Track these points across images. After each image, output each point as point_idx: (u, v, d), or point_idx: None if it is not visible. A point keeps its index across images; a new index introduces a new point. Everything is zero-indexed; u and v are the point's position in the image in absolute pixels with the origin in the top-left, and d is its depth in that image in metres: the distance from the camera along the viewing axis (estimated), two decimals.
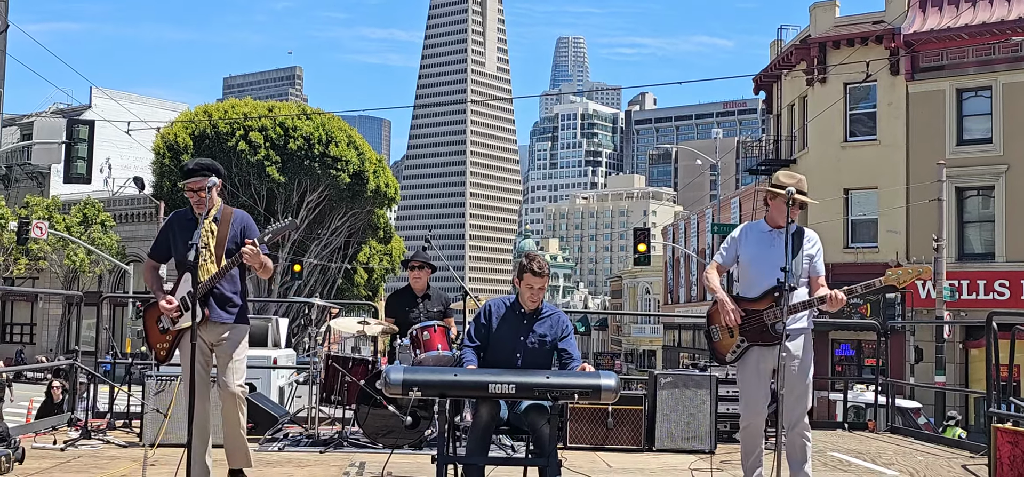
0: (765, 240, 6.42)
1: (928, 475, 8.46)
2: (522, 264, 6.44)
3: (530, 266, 6.39)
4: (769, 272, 6.25)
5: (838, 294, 6.14)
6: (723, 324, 6.41)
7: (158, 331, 6.42)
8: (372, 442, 8.89)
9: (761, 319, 6.31)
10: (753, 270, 6.43)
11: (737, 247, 6.57)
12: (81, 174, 26.02)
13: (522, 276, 6.39)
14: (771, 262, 6.26)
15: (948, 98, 31.11)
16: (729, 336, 6.43)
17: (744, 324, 6.34)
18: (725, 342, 6.46)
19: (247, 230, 6.41)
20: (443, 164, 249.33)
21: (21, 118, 58.13)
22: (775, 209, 6.44)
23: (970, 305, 29.43)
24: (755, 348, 6.34)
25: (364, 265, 48.37)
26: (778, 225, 6.41)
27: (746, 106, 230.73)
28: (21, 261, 49.27)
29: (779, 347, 6.09)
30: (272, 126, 42.42)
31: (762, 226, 6.51)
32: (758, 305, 6.33)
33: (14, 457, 7.47)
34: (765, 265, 6.31)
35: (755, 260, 6.42)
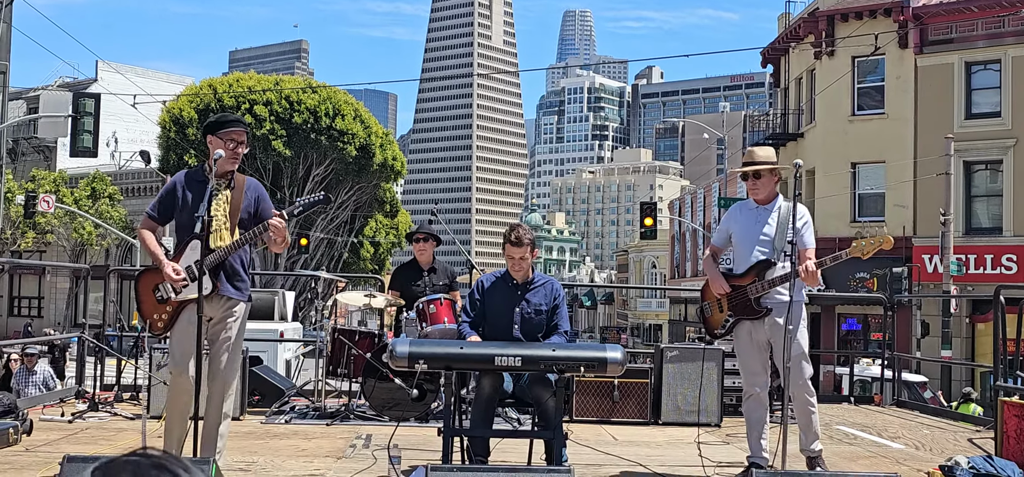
0: (751, 217, 6.56)
1: (934, 448, 8.47)
2: (504, 236, 6.49)
3: (509, 237, 6.45)
4: (752, 247, 6.42)
5: (809, 266, 6.21)
6: (713, 300, 6.60)
7: (155, 301, 5.82)
8: (378, 415, 8.92)
9: (746, 293, 6.45)
10: (739, 246, 6.60)
11: (728, 227, 6.74)
12: (87, 148, 26.02)
13: (505, 247, 6.44)
14: (755, 238, 6.42)
15: (957, 71, 30.93)
16: (719, 311, 6.61)
17: (731, 299, 6.50)
18: (715, 317, 6.65)
19: (261, 200, 5.95)
20: (449, 138, 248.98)
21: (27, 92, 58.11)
22: (750, 187, 6.59)
23: (977, 279, 29.36)
24: (745, 321, 6.49)
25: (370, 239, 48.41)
26: (761, 201, 6.55)
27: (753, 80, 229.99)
28: (29, 235, 49.38)
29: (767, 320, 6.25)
30: (278, 100, 42.38)
31: (750, 204, 6.65)
32: (744, 280, 6.48)
33: (22, 429, 7.50)
34: (749, 241, 6.44)
35: (741, 237, 6.58)
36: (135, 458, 1.10)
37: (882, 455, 8.07)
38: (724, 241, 6.77)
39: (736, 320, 6.50)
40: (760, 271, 6.35)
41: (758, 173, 6.49)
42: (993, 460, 6.49)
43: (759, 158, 6.59)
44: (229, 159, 5.78)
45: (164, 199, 5.94)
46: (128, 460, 1.10)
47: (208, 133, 5.92)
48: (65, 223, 49.27)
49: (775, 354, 6.46)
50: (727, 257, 6.89)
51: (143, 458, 1.10)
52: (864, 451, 8.25)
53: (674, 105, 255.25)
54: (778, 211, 6.46)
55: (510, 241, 6.42)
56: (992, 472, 6.25)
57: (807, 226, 6.46)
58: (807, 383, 6.47)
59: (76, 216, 47.31)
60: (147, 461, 1.10)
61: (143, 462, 1.09)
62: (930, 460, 7.60)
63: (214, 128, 5.89)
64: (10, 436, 7.21)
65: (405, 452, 7.13)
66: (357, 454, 7.33)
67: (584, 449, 7.72)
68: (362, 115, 44.83)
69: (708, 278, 6.64)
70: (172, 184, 5.95)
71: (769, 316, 6.33)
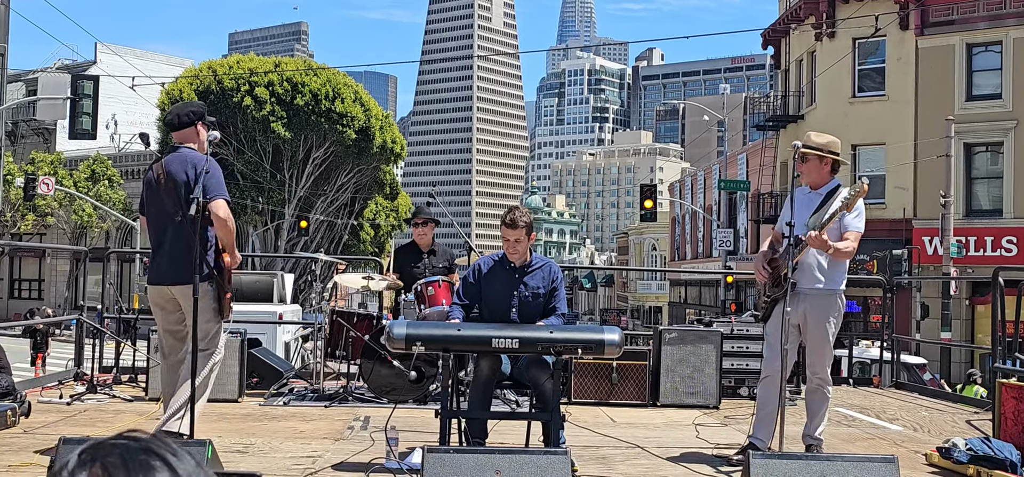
0: (804, 201, 6.57)
1: (932, 430, 8.47)
2: (501, 218, 6.47)
3: (505, 219, 6.43)
4: (798, 229, 6.40)
5: (812, 233, 6.23)
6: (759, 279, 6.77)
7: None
8: (377, 397, 8.92)
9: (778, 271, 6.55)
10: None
11: (785, 211, 6.75)
12: (86, 130, 25.98)
13: (501, 229, 6.43)
14: (801, 220, 6.41)
15: (958, 53, 30.87)
16: (764, 294, 6.75)
17: (771, 279, 6.63)
18: (761, 299, 6.83)
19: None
20: (449, 120, 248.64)
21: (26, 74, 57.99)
22: (802, 170, 6.60)
23: (977, 261, 29.36)
24: (780, 301, 6.53)
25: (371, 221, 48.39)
26: (814, 184, 6.58)
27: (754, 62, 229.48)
28: (28, 217, 49.36)
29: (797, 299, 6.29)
30: (278, 82, 42.28)
31: (805, 189, 6.68)
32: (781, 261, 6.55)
33: (20, 411, 7.50)
34: (797, 223, 6.42)
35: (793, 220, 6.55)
36: (123, 441, 1.09)
37: (880, 437, 8.07)
38: (781, 225, 6.78)
39: (773, 299, 6.61)
40: (785, 252, 6.38)
41: (804, 156, 6.47)
42: (990, 441, 6.49)
43: (809, 142, 6.59)
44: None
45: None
46: (116, 443, 1.08)
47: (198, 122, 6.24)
48: (65, 205, 49.24)
49: (804, 341, 6.56)
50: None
51: (132, 441, 1.09)
52: (862, 433, 8.25)
53: (675, 87, 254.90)
54: (826, 196, 6.50)
55: (505, 223, 6.40)
56: (989, 454, 6.25)
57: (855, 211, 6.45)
58: (826, 372, 6.55)
59: (75, 198, 47.28)
60: (136, 444, 1.09)
61: (132, 445, 1.08)
62: (928, 442, 7.60)
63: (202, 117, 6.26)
64: (8, 418, 7.21)
65: (403, 434, 7.13)
66: (355, 436, 7.33)
67: (582, 431, 7.72)
68: (362, 97, 44.73)
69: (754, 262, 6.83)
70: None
71: (800, 301, 6.35)
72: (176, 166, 6.04)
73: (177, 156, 6.10)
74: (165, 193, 6.06)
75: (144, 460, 1.06)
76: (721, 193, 47.70)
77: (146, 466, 1.05)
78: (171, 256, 6.06)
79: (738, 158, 49.14)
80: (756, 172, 41.41)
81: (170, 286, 6.14)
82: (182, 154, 6.11)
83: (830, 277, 6.43)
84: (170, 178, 6.03)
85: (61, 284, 56.00)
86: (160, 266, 6.15)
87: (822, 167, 6.56)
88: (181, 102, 6.51)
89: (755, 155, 43.69)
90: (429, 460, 4.68)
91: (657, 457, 6.80)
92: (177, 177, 6.00)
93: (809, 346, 6.60)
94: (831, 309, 6.50)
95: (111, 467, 1.04)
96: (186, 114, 6.21)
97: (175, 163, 6.06)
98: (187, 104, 6.40)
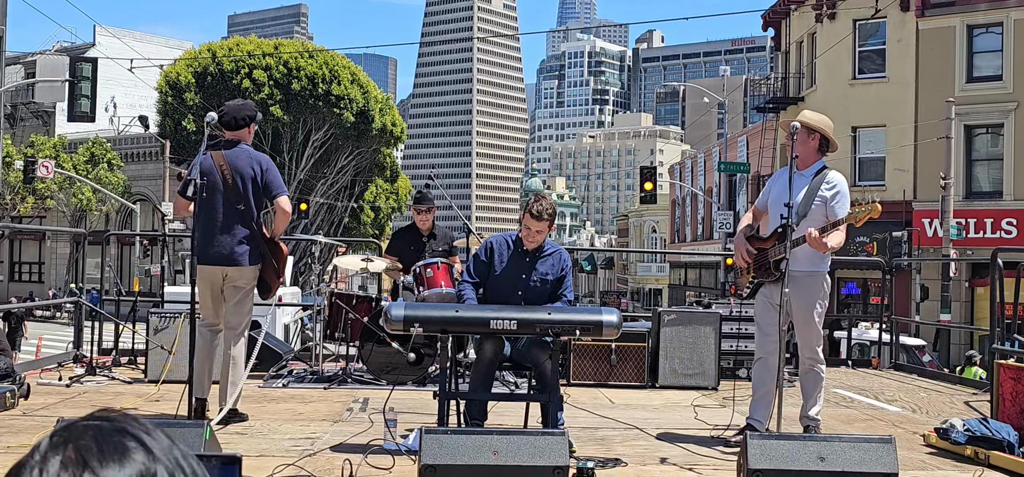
0: (786, 182, 6.48)
1: (931, 411, 8.49)
2: (527, 203, 6.42)
3: (531, 208, 6.35)
4: (779, 211, 6.39)
5: (812, 232, 6.22)
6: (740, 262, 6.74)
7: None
8: (376, 379, 8.94)
9: (767, 256, 6.54)
10: (771, 209, 6.67)
11: (768, 189, 6.81)
12: (85, 112, 25.94)
13: (524, 216, 6.39)
14: (783, 201, 6.32)
15: (958, 35, 30.79)
16: (746, 273, 6.75)
17: (756, 261, 6.62)
18: (743, 279, 6.83)
19: None
20: (449, 102, 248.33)
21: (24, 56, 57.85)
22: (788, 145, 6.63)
23: (977, 243, 29.34)
24: (766, 284, 6.58)
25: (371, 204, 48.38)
26: (801, 162, 6.55)
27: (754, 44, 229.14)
28: (28, 200, 49.33)
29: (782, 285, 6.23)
30: (276, 65, 42.20)
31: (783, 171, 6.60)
32: (767, 243, 6.57)
33: (19, 393, 7.51)
34: (778, 205, 6.44)
35: (774, 200, 6.62)
36: (96, 421, 1.08)
37: (878, 418, 8.09)
38: (764, 203, 6.82)
39: (758, 282, 6.63)
40: (781, 236, 6.34)
41: (792, 133, 6.44)
42: (988, 422, 6.50)
43: (801, 119, 6.57)
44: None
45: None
46: (89, 424, 1.07)
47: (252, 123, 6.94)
48: (65, 188, 49.20)
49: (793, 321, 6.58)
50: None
51: (104, 421, 1.07)
52: (860, 414, 8.27)
53: (675, 69, 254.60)
54: (813, 178, 6.48)
55: (531, 214, 6.29)
56: (987, 434, 6.26)
57: (838, 196, 6.44)
58: (816, 352, 6.55)
59: (75, 182, 47.26)
60: (108, 424, 1.07)
61: (105, 425, 1.07)
62: (926, 423, 7.61)
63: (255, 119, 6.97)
64: (7, 400, 7.22)
65: (402, 415, 7.15)
66: (354, 417, 7.34)
67: (581, 412, 7.73)
68: (360, 80, 44.67)
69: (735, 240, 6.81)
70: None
71: (785, 283, 6.33)
72: (243, 161, 6.69)
73: (241, 152, 6.74)
74: (227, 183, 6.62)
75: (118, 441, 1.05)
76: (721, 175, 47.68)
77: (121, 447, 1.04)
78: (229, 239, 6.62)
79: (738, 140, 49.08)
80: (756, 154, 41.37)
81: (226, 267, 6.68)
82: (246, 151, 6.78)
83: (814, 259, 6.43)
84: (236, 171, 6.63)
85: (61, 267, 56.01)
86: (216, 248, 6.63)
87: (809, 142, 6.53)
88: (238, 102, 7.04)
89: (755, 137, 43.64)
90: (427, 441, 4.69)
91: (655, 438, 6.81)
92: (244, 171, 6.65)
93: (797, 328, 6.62)
94: (817, 291, 6.50)
95: (84, 449, 1.03)
96: (243, 116, 6.85)
97: (241, 158, 6.71)
98: (243, 106, 7.00)
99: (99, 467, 1.02)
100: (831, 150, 6.66)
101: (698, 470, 5.84)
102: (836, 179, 6.51)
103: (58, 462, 1.02)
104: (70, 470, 1.01)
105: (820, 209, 6.41)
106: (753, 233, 6.77)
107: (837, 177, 6.53)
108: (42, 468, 1.02)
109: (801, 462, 4.80)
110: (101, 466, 1.02)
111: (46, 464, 1.02)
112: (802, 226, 6.34)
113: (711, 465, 5.97)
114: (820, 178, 6.48)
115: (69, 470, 1.01)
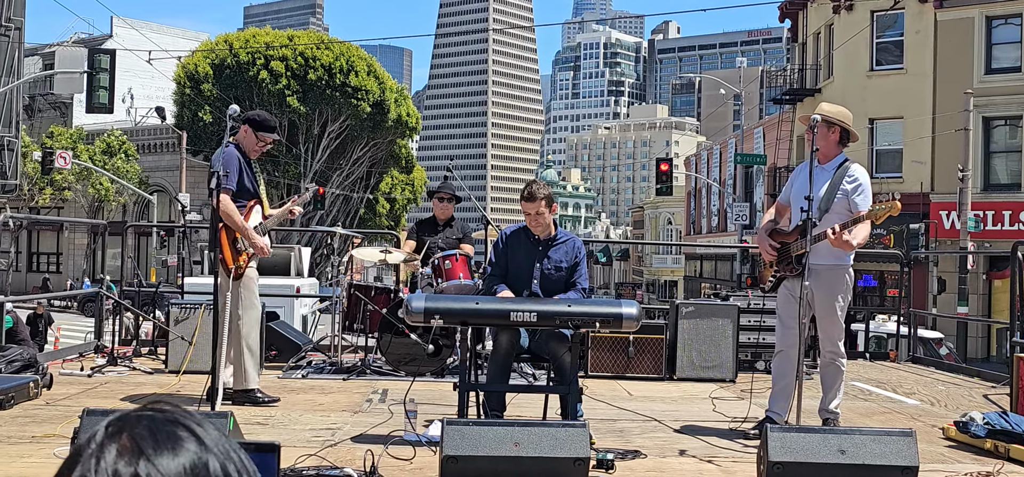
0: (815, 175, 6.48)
1: (949, 404, 8.47)
2: (520, 193, 6.51)
3: (522, 193, 6.50)
4: (801, 205, 6.39)
5: (835, 227, 6.23)
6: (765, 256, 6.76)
7: (236, 251, 7.05)
8: (394, 370, 8.97)
9: (789, 251, 6.53)
10: (792, 204, 6.66)
11: (790, 183, 6.79)
12: (103, 104, 26.05)
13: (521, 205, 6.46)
14: (804, 195, 6.32)
15: (977, 26, 30.60)
16: (768, 267, 6.78)
17: (779, 255, 6.61)
18: (765, 272, 6.86)
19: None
20: (465, 94, 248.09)
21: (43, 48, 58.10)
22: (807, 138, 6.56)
23: (995, 236, 29.20)
24: (789, 278, 6.56)
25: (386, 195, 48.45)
26: (822, 156, 6.53)
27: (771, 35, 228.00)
28: (46, 191, 49.59)
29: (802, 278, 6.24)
30: (294, 56, 42.29)
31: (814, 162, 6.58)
32: (790, 237, 6.55)
33: (42, 383, 7.58)
34: (800, 199, 6.42)
35: (796, 194, 6.60)
36: (149, 412, 1.11)
37: (897, 411, 8.08)
38: (786, 198, 6.81)
39: (781, 276, 6.62)
40: (803, 230, 6.31)
41: (812, 126, 6.42)
42: (1008, 416, 6.49)
43: (820, 111, 6.53)
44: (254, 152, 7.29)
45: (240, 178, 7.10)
46: (143, 414, 1.10)
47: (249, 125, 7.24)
48: (82, 179, 49.44)
49: (815, 315, 6.57)
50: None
51: (157, 412, 1.11)
52: (879, 407, 8.26)
53: (691, 61, 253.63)
54: (835, 172, 6.46)
55: (524, 197, 6.45)
56: (1007, 428, 6.25)
57: (859, 189, 6.42)
58: (837, 346, 6.54)
59: (93, 172, 47.49)
60: (162, 415, 1.10)
61: (157, 416, 1.10)
62: (945, 416, 7.60)
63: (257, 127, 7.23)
64: (31, 390, 7.29)
65: (421, 407, 7.17)
66: (373, 408, 7.38)
67: (599, 404, 7.75)
68: (376, 71, 44.72)
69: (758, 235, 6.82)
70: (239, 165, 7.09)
71: (808, 276, 6.33)
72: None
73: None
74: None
75: (172, 431, 1.08)
76: (737, 167, 47.53)
77: (174, 437, 1.07)
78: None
79: (754, 132, 48.93)
80: (772, 146, 41.25)
81: None
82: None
83: (837, 252, 6.41)
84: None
85: (79, 257, 56.30)
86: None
87: (830, 135, 6.51)
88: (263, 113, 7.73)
89: (771, 129, 43.51)
90: (449, 432, 4.72)
91: (674, 430, 6.82)
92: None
93: (819, 321, 6.61)
94: (839, 284, 6.49)
95: (139, 438, 1.06)
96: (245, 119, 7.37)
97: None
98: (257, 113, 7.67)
99: (153, 456, 1.05)
100: (851, 141, 6.65)
101: (717, 462, 5.85)
102: (857, 172, 6.50)
103: (114, 450, 1.05)
104: (125, 458, 1.04)
105: (842, 202, 6.40)
106: (776, 227, 6.77)
107: (859, 170, 6.53)
108: (99, 457, 1.05)
109: (821, 455, 4.81)
110: (155, 455, 1.05)
111: (102, 452, 1.05)
112: (825, 220, 6.33)
113: (730, 457, 5.99)
114: (842, 171, 6.47)
115: (124, 458, 1.04)
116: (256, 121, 7.26)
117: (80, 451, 1.07)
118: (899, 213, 6.30)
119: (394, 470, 5.29)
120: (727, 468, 5.72)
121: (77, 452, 1.07)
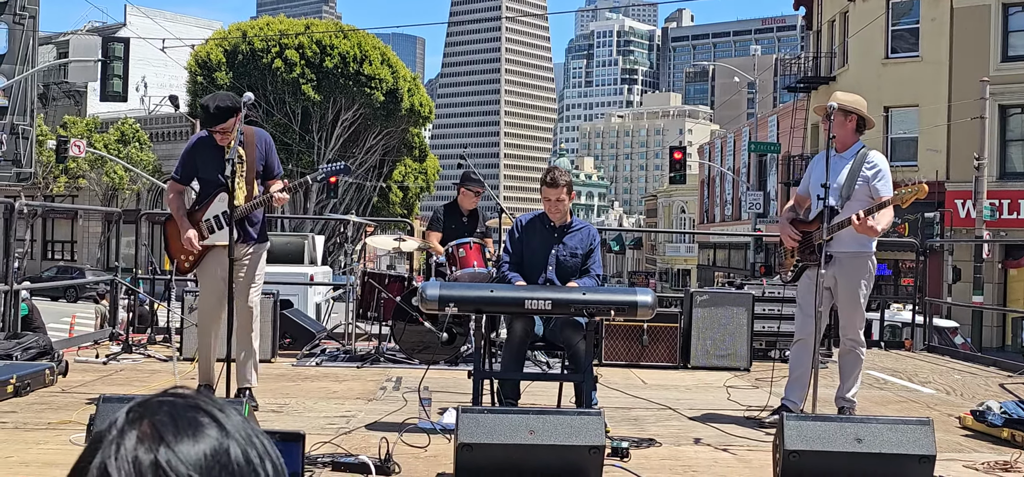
0: (832, 164, 6.46)
1: (965, 393, 8.43)
2: (541, 179, 6.52)
3: (544, 178, 6.49)
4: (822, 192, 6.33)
5: (860, 213, 6.20)
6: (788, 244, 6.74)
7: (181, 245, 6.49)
8: (408, 358, 8.98)
9: (812, 239, 6.50)
10: (812, 194, 6.62)
11: (809, 173, 6.75)
12: (117, 92, 26.14)
13: (542, 190, 6.46)
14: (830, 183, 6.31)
15: (993, 13, 30.38)
16: (790, 256, 6.84)
17: (801, 245, 6.59)
18: (787, 262, 6.79)
19: (269, 151, 6.57)
20: (478, 82, 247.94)
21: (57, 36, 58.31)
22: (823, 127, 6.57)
23: (1011, 225, 29.05)
24: (810, 266, 6.52)
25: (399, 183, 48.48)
26: (840, 144, 6.51)
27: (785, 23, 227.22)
28: (61, 179, 49.81)
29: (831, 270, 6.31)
30: (307, 44, 42.31)
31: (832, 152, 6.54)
32: (811, 226, 6.53)
33: (58, 370, 7.62)
34: (819, 188, 6.39)
35: (814, 184, 6.56)
36: (170, 398, 1.10)
37: (913, 400, 8.05)
38: (805, 188, 6.79)
39: (803, 265, 6.61)
40: (822, 217, 6.31)
41: (829, 114, 6.40)
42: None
43: (836, 100, 6.51)
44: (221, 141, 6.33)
45: (185, 164, 6.48)
46: (163, 400, 1.10)
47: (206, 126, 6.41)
48: (96, 167, 49.63)
49: (836, 303, 6.58)
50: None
51: (178, 398, 1.10)
52: (895, 396, 8.23)
53: (704, 49, 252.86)
54: (854, 159, 6.44)
55: (546, 183, 6.45)
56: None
57: (879, 175, 6.40)
58: (858, 334, 6.53)
59: (107, 161, 47.66)
60: (182, 401, 1.10)
61: (178, 402, 1.09)
62: (961, 405, 7.57)
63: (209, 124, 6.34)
64: (46, 377, 7.33)
65: (435, 394, 7.17)
66: (388, 396, 7.39)
67: (614, 392, 7.74)
68: (390, 60, 44.70)
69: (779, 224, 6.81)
70: (190, 150, 6.51)
71: (831, 265, 6.32)
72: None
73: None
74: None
75: (192, 417, 1.08)
76: (750, 155, 47.42)
77: (195, 423, 1.07)
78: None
79: (768, 120, 48.77)
80: (787, 134, 41.11)
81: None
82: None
83: (860, 240, 6.39)
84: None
85: (93, 245, 56.55)
86: None
87: (847, 123, 6.50)
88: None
89: (786, 117, 43.35)
90: (464, 420, 4.71)
91: (689, 418, 6.81)
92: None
93: (841, 309, 6.59)
94: (862, 271, 6.47)
95: (160, 425, 1.06)
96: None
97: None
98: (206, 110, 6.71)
99: (174, 441, 1.04)
100: (868, 128, 6.63)
101: (733, 450, 5.84)
102: (876, 158, 6.47)
103: (135, 436, 1.04)
104: (146, 444, 1.04)
105: (863, 189, 6.38)
106: (796, 216, 6.75)
107: (877, 156, 6.50)
108: (119, 442, 1.04)
109: (838, 443, 4.78)
110: (176, 440, 1.04)
111: (123, 438, 1.04)
112: (847, 208, 6.32)
113: (746, 445, 5.97)
114: (860, 158, 6.45)
115: (145, 444, 1.04)
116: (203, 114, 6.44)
117: (101, 437, 1.06)
118: (925, 196, 6.27)
119: (409, 457, 5.29)
120: (742, 457, 5.70)
121: (98, 438, 1.07)
